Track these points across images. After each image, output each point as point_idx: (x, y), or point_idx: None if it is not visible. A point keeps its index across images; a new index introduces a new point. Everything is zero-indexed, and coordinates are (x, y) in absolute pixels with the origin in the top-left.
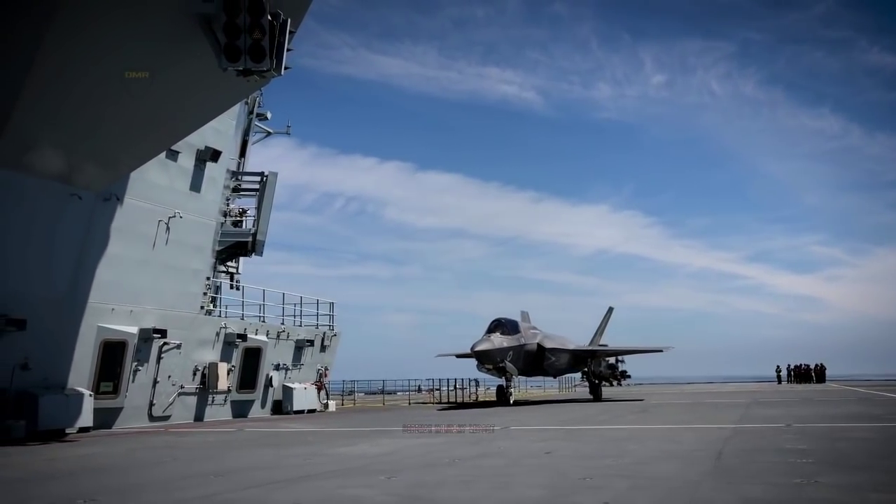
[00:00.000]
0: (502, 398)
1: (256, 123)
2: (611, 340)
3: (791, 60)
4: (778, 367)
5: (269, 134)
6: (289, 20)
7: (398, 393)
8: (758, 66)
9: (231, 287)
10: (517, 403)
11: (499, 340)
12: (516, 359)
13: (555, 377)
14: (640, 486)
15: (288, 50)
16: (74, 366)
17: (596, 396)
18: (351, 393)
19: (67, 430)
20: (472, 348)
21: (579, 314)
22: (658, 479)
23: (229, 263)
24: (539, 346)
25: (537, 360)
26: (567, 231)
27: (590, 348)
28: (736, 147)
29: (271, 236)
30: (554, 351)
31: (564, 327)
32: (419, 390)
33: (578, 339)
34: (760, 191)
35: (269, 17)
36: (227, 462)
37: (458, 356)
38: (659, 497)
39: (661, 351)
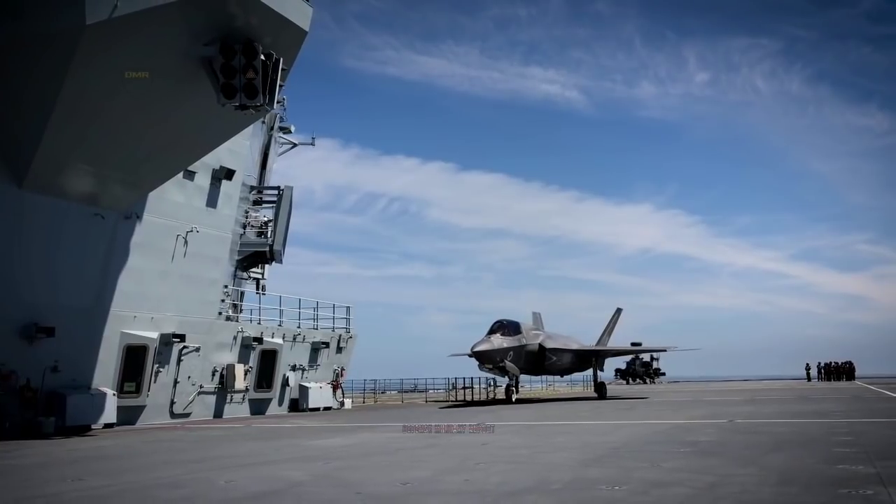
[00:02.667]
0: (509, 396)
1: (281, 136)
2: (647, 339)
3: (838, 57)
4: (808, 365)
5: (294, 146)
6: (281, 59)
7: (430, 391)
8: (803, 63)
9: (256, 292)
10: (523, 401)
11: (498, 341)
12: (517, 359)
13: (562, 376)
14: (512, 469)
15: (280, 85)
16: (100, 368)
17: (600, 395)
18: (374, 391)
19: (93, 426)
20: (472, 349)
21: (623, 314)
22: (536, 464)
23: (254, 270)
24: (540, 346)
25: (539, 360)
26: (610, 230)
27: (593, 348)
28: (781, 145)
29: (314, 238)
30: (555, 351)
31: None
32: (454, 388)
33: (624, 340)
34: (806, 189)
35: (263, 57)
36: (210, 452)
37: (470, 355)
38: (513, 477)
39: (664, 350)
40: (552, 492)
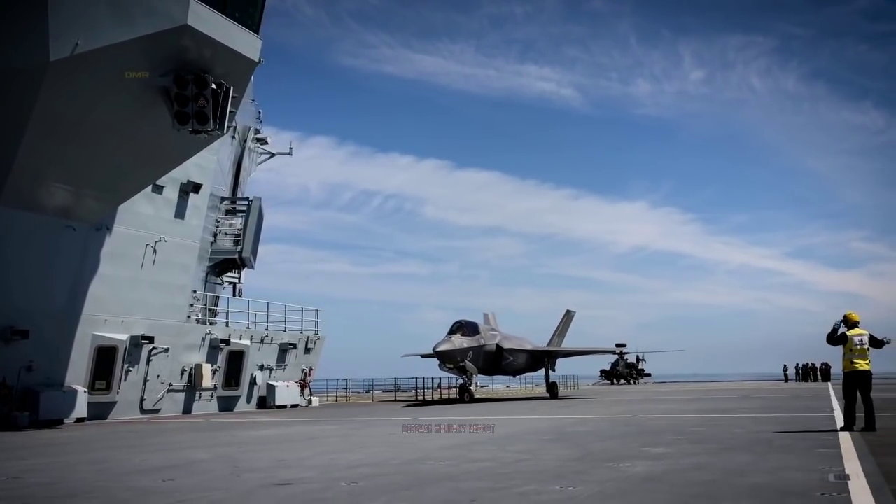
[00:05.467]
0: (463, 395)
1: (258, 147)
2: (641, 338)
3: (833, 54)
4: (785, 366)
5: (272, 155)
6: (231, 88)
7: (414, 391)
8: (799, 61)
9: (233, 295)
10: (482, 400)
11: (459, 341)
12: (476, 359)
13: (514, 375)
14: (380, 451)
15: (231, 111)
16: (72, 367)
17: (552, 394)
18: (347, 390)
19: (65, 420)
20: (433, 349)
21: (618, 312)
22: (406, 447)
23: (231, 274)
24: (498, 346)
25: (496, 360)
26: (605, 228)
27: (546, 349)
28: (777, 143)
29: (309, 235)
30: (512, 351)
31: (602, 325)
32: (438, 387)
33: (618, 338)
34: (801, 187)
35: (214, 87)
36: (148, 440)
37: (423, 356)
38: (372, 456)
39: (613, 352)
40: (386, 465)
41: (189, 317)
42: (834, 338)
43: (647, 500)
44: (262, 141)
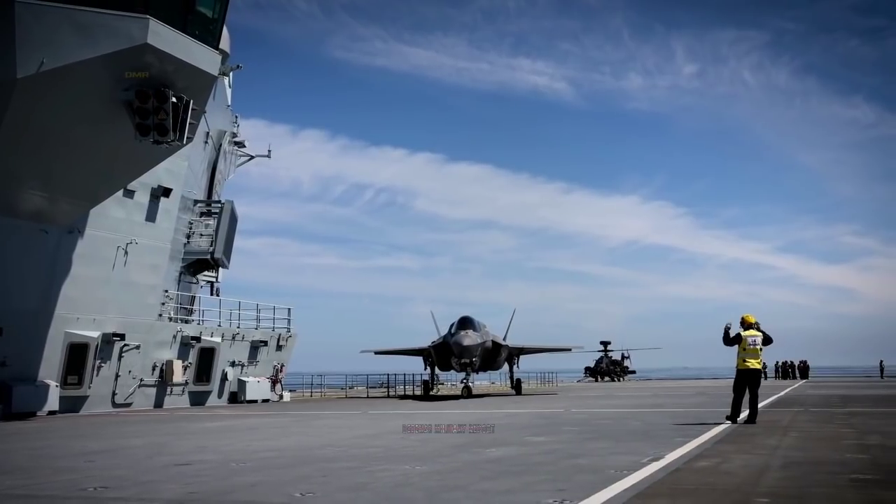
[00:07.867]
0: (427, 391)
1: (236, 150)
2: (633, 331)
3: (825, 49)
4: (764, 363)
5: (251, 157)
6: (191, 101)
7: (398, 387)
8: (791, 56)
9: (211, 294)
10: (448, 398)
11: (475, 336)
12: (480, 355)
13: (477, 373)
14: (298, 439)
15: (190, 123)
16: (45, 363)
17: (518, 391)
18: (350, 386)
19: (38, 413)
20: (457, 342)
21: (610, 305)
22: (322, 437)
23: (208, 274)
24: (494, 343)
25: (493, 357)
26: (597, 222)
27: (518, 346)
28: (769, 137)
29: (301, 228)
30: (504, 348)
31: (593, 318)
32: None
33: (609, 331)
34: (793, 181)
35: (174, 100)
36: (103, 430)
37: (377, 353)
38: (282, 444)
39: (569, 350)
40: (287, 450)
41: (161, 315)
42: (729, 339)
43: (461, 475)
44: (240, 144)
